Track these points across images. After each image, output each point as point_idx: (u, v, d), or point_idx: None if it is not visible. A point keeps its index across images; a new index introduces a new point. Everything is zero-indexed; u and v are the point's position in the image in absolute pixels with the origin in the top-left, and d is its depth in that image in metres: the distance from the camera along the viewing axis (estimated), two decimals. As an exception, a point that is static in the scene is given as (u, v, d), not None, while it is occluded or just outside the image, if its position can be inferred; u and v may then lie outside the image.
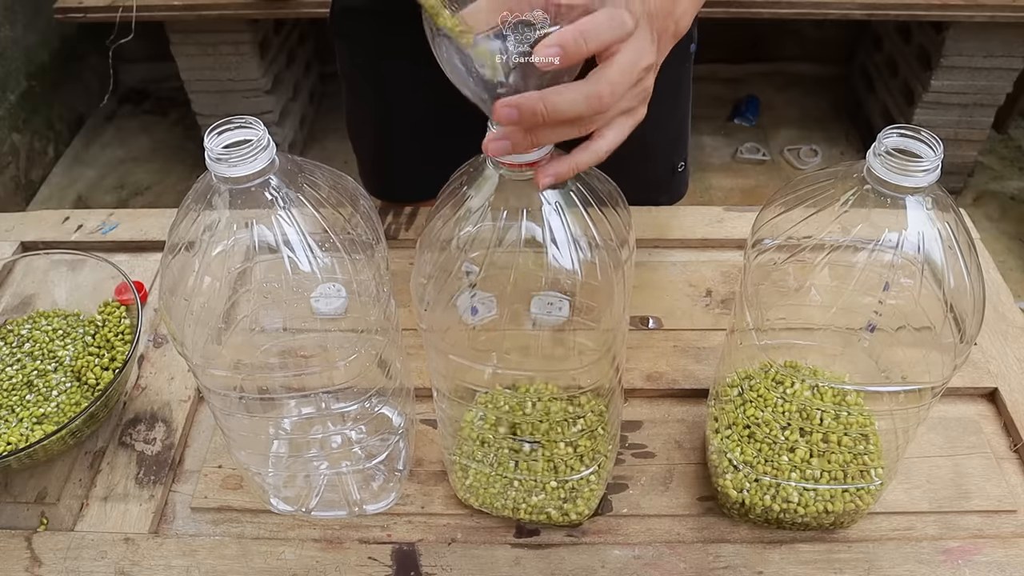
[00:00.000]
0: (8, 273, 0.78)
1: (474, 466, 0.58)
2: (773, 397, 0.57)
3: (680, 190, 0.96)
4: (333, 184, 0.51)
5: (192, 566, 0.59)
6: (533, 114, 0.43)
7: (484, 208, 0.48)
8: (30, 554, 0.60)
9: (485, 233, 0.48)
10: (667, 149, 0.91)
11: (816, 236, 0.50)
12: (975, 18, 1.88)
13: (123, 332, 0.72)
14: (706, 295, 0.80)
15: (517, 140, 0.44)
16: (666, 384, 0.72)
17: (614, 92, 0.45)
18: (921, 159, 0.44)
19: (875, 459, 0.56)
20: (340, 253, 0.50)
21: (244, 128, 0.46)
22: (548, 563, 0.59)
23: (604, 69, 0.45)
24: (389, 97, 0.87)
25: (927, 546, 0.59)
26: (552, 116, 0.43)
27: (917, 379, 0.51)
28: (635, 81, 0.47)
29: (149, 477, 0.65)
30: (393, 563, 0.59)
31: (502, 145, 0.45)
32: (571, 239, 0.47)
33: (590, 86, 0.45)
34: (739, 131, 2.51)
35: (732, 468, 0.58)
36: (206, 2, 1.94)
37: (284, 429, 0.61)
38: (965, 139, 2.16)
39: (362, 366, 0.55)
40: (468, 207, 0.48)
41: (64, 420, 0.65)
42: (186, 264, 0.49)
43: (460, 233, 0.48)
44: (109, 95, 2.37)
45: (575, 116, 0.45)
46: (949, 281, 0.47)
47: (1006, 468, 0.65)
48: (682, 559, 0.59)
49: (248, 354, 0.54)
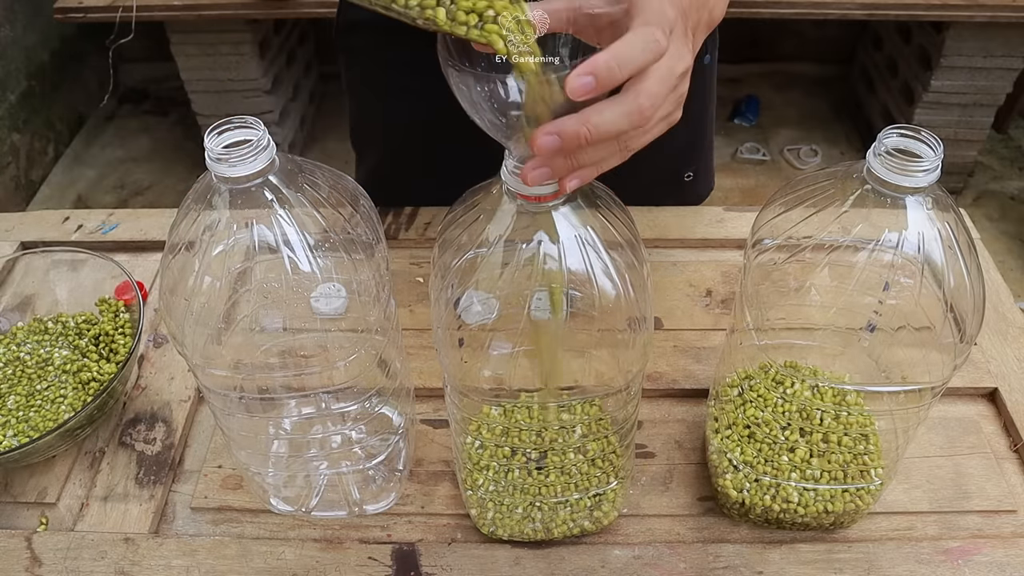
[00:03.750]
0: (8, 272, 0.78)
1: (491, 495, 0.58)
2: (773, 397, 0.57)
3: (690, 199, 0.94)
4: (333, 184, 0.51)
5: (192, 566, 0.59)
6: (576, 137, 0.41)
7: (502, 241, 0.46)
8: (30, 554, 0.60)
9: (506, 269, 0.47)
10: (671, 158, 0.90)
11: (816, 236, 0.50)
12: (975, 18, 1.88)
13: (123, 327, 0.72)
14: (706, 295, 0.80)
15: (558, 166, 0.43)
16: (666, 384, 0.72)
17: (655, 104, 0.43)
18: (921, 159, 0.44)
19: (875, 459, 0.56)
20: (340, 253, 0.50)
21: (244, 128, 0.46)
22: (548, 563, 0.59)
23: (643, 82, 0.43)
24: (393, 108, 0.87)
25: (927, 546, 0.59)
26: (595, 137, 0.42)
27: (917, 379, 0.51)
28: (673, 88, 0.45)
29: (149, 477, 0.65)
30: (393, 563, 0.59)
31: (542, 173, 0.43)
32: (602, 266, 0.46)
33: (630, 101, 0.43)
34: (739, 131, 2.51)
35: (732, 468, 0.58)
36: (206, 2, 1.94)
37: (284, 429, 0.61)
38: (965, 139, 2.16)
39: (362, 366, 0.55)
40: (484, 238, 0.47)
41: (64, 419, 0.65)
42: (186, 264, 0.49)
43: (478, 278, 0.47)
44: (109, 95, 2.37)
45: (617, 133, 0.43)
46: (949, 281, 0.47)
47: (1006, 468, 0.65)
48: (682, 559, 0.59)
49: (248, 354, 0.54)
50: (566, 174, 0.44)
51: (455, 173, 0.51)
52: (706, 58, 0.84)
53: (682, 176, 0.92)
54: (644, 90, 0.43)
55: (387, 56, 0.83)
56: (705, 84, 0.87)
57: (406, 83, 0.82)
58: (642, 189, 0.88)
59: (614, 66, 0.41)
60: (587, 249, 0.46)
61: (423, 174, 0.89)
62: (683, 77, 0.46)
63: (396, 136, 0.90)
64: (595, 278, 0.46)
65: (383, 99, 0.88)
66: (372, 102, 0.90)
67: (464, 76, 0.43)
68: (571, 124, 0.41)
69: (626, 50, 0.42)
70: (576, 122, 0.41)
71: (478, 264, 0.47)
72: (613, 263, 0.47)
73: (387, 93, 0.87)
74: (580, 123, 0.41)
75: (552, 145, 0.41)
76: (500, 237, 0.47)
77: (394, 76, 0.84)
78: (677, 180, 0.92)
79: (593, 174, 0.46)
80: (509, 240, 0.46)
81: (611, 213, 0.49)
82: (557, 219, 0.46)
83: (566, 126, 0.41)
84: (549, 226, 0.46)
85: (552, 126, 0.41)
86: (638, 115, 0.43)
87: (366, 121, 0.94)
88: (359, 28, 0.84)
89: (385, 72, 0.85)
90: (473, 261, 0.48)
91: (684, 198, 0.93)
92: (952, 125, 2.13)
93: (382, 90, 0.87)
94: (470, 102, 0.44)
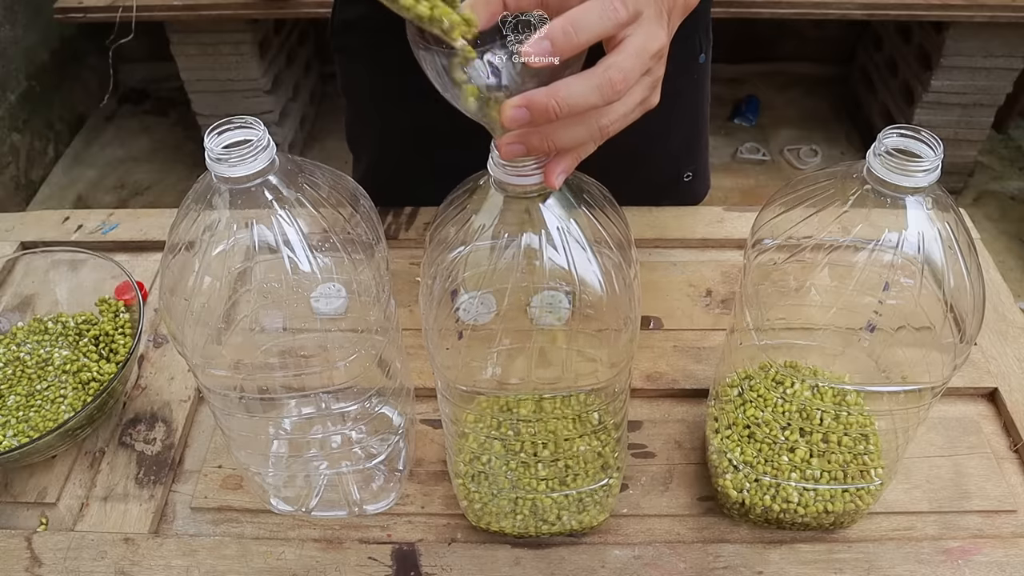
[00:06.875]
0: (8, 272, 0.78)
1: (478, 488, 0.58)
2: (773, 397, 0.57)
3: (688, 199, 0.94)
4: (333, 184, 0.51)
5: (192, 566, 0.59)
6: (545, 110, 0.41)
7: (489, 232, 0.46)
8: (30, 554, 0.60)
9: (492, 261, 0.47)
10: (670, 158, 0.90)
11: (816, 236, 0.50)
12: (975, 18, 1.88)
13: (123, 327, 0.72)
14: (706, 295, 0.80)
15: (530, 141, 0.43)
16: (666, 384, 0.72)
17: (626, 78, 0.43)
18: (921, 159, 0.44)
19: (875, 459, 0.56)
20: (340, 253, 0.50)
21: (244, 128, 0.46)
22: (548, 563, 0.59)
23: (613, 56, 0.43)
24: (388, 108, 0.87)
25: (927, 546, 0.59)
26: (564, 110, 0.41)
27: (917, 379, 0.51)
28: (646, 68, 0.45)
29: (149, 477, 0.65)
30: (393, 563, 0.59)
31: (516, 148, 0.43)
32: (585, 260, 0.46)
33: (600, 74, 0.42)
34: (739, 131, 2.51)
35: (732, 468, 0.58)
36: (206, 2, 1.94)
37: (284, 429, 0.61)
38: (965, 139, 2.16)
39: (362, 366, 0.55)
40: (472, 231, 0.47)
41: (64, 419, 0.65)
42: (186, 264, 0.49)
43: (465, 274, 0.47)
44: (109, 95, 2.37)
45: (588, 107, 0.42)
46: (949, 281, 0.47)
47: (1006, 468, 0.65)
48: (682, 559, 0.59)
49: (248, 354, 0.53)
50: (541, 152, 0.43)
51: (452, 174, 0.51)
52: (701, 57, 0.84)
53: (681, 176, 0.92)
54: (614, 64, 0.43)
55: (382, 56, 0.83)
56: (701, 83, 0.87)
57: (401, 83, 0.82)
58: (642, 189, 0.88)
59: (570, 31, 0.41)
60: (571, 243, 0.46)
61: (420, 175, 0.89)
62: (657, 59, 0.46)
63: (392, 136, 0.90)
64: (577, 272, 0.46)
65: (378, 99, 0.88)
66: (367, 102, 0.90)
67: (431, 55, 0.43)
68: (540, 96, 0.41)
69: (582, 15, 0.42)
70: (545, 94, 0.41)
71: (467, 259, 0.48)
72: (598, 259, 0.47)
73: (382, 93, 0.87)
74: (549, 95, 0.41)
75: (521, 117, 0.41)
76: (486, 227, 0.47)
77: (389, 76, 0.84)
78: (677, 180, 0.92)
79: (573, 162, 0.45)
80: (496, 233, 0.46)
81: (602, 212, 0.49)
82: (544, 211, 0.46)
83: (535, 98, 0.41)
84: (536, 218, 0.46)
85: (521, 98, 0.41)
86: (608, 88, 0.42)
87: (362, 121, 0.94)
88: (354, 28, 0.84)
89: (380, 72, 0.84)
90: (462, 256, 0.48)
91: (683, 198, 0.93)
92: (952, 125, 2.13)
93: (377, 90, 0.87)
94: (440, 83, 0.44)
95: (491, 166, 0.45)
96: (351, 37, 0.85)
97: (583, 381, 0.53)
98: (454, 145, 0.63)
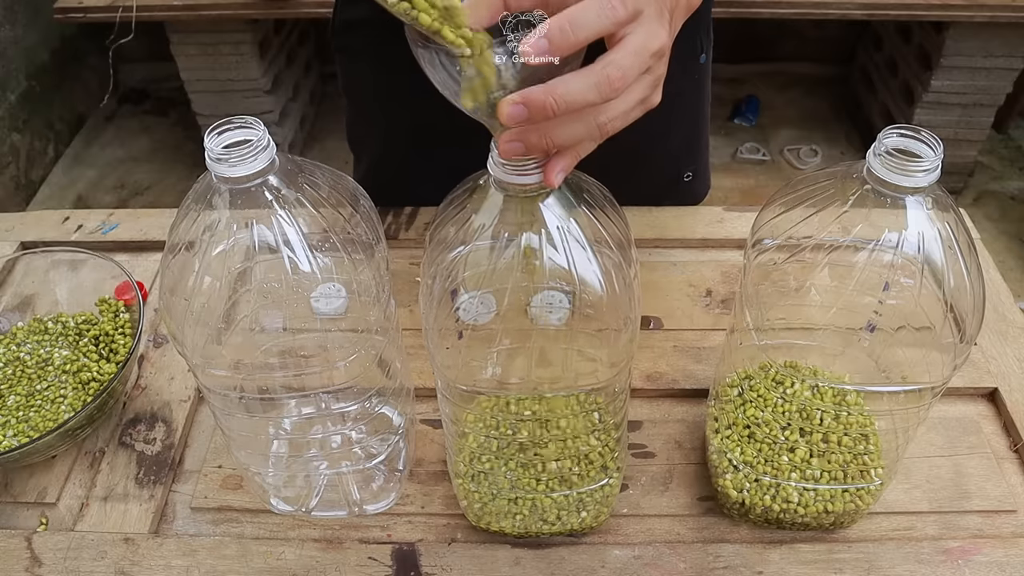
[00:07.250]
0: (8, 273, 0.78)
1: (478, 487, 0.57)
2: (773, 397, 0.57)
3: (688, 199, 0.94)
4: (333, 184, 0.51)
5: (192, 566, 0.59)
6: (543, 107, 0.41)
7: (489, 232, 0.46)
8: (30, 554, 0.60)
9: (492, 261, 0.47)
10: (670, 158, 0.90)
11: (816, 236, 0.50)
12: (975, 18, 1.88)
13: (123, 327, 0.72)
14: (706, 295, 0.80)
15: (529, 139, 0.43)
16: (666, 384, 0.72)
17: (625, 76, 0.43)
18: (921, 159, 0.44)
19: (875, 459, 0.56)
20: (340, 253, 0.50)
21: (244, 128, 0.46)
22: (548, 563, 0.59)
23: (612, 53, 0.43)
24: (390, 106, 0.87)
25: (927, 546, 0.59)
26: (562, 107, 0.41)
27: (917, 379, 0.51)
28: (646, 67, 0.44)
29: (149, 477, 0.65)
30: (393, 563, 0.59)
31: (514, 146, 0.43)
32: (585, 260, 0.46)
33: (598, 71, 0.42)
34: (739, 131, 2.51)
35: (732, 468, 0.58)
36: (206, 2, 1.94)
37: (284, 429, 0.61)
38: (965, 139, 2.16)
39: (362, 366, 0.55)
40: (472, 230, 0.47)
41: (64, 419, 0.65)
42: (186, 264, 0.49)
43: (465, 274, 0.47)
44: (109, 95, 2.37)
45: (586, 104, 0.42)
46: (949, 281, 0.47)
47: (1006, 468, 0.65)
48: (682, 559, 0.59)
49: (248, 354, 0.53)
50: (540, 150, 0.43)
51: (452, 174, 0.51)
52: (702, 57, 0.84)
53: (682, 176, 0.92)
54: (612, 61, 0.42)
55: (383, 55, 0.83)
56: (701, 83, 0.87)
57: (402, 83, 0.82)
58: (643, 189, 0.88)
59: (567, 28, 0.41)
60: (571, 242, 0.46)
61: (420, 174, 0.89)
62: (658, 57, 0.46)
63: (394, 135, 0.90)
64: (577, 272, 0.46)
65: (380, 99, 0.88)
66: (369, 102, 0.90)
67: (430, 52, 0.43)
68: (537, 92, 0.41)
69: (580, 12, 0.41)
70: (543, 91, 0.41)
71: (466, 258, 0.48)
72: (598, 259, 0.47)
73: (385, 92, 0.87)
74: (546, 92, 0.41)
75: (519, 114, 0.41)
76: (486, 227, 0.47)
77: (392, 75, 0.84)
78: (677, 180, 0.92)
79: (573, 160, 0.45)
80: (496, 232, 0.46)
81: (602, 212, 0.49)
82: (544, 210, 0.46)
83: (532, 94, 0.41)
84: (536, 217, 0.46)
85: (518, 95, 0.41)
86: (607, 85, 0.42)
87: (364, 121, 0.94)
88: (355, 28, 0.84)
89: (382, 72, 0.84)
90: (461, 256, 0.48)
91: (683, 198, 0.93)
92: (952, 125, 2.13)
93: (381, 89, 0.87)
94: (439, 80, 0.44)
95: (491, 165, 0.45)
96: (353, 37, 0.85)
97: (583, 381, 0.53)
98: (454, 144, 0.63)
